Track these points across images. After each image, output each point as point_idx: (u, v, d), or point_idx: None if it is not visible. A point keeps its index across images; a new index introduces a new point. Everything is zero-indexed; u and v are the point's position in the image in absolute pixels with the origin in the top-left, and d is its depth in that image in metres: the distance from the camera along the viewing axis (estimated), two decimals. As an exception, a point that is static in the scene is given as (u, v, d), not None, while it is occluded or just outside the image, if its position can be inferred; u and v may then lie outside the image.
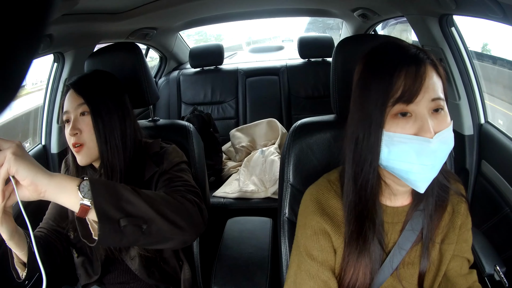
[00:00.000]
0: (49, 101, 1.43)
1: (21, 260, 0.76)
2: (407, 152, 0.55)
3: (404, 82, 0.54)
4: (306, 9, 2.28)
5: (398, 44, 0.59)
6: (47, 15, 0.22)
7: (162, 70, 2.52)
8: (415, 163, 0.55)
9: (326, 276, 0.63)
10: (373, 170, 0.59)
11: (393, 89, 0.54)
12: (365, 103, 0.58)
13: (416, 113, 0.55)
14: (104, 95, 0.83)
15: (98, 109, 0.81)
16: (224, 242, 1.06)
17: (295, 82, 2.27)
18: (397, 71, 0.54)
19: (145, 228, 0.61)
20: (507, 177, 1.10)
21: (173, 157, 0.87)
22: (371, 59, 0.59)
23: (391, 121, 0.56)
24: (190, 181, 0.83)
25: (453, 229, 0.67)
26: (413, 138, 0.54)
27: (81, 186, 0.57)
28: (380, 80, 0.56)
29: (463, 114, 1.27)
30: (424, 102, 0.54)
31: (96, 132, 0.80)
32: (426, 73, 0.55)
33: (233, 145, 2.08)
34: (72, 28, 1.20)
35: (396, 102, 0.54)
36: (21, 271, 0.77)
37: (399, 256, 0.64)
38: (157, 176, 0.84)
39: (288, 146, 0.88)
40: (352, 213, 0.62)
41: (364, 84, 0.59)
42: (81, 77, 0.85)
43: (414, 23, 1.35)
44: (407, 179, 0.57)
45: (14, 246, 0.71)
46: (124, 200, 0.60)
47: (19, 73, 0.22)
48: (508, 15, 0.85)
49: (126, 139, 0.84)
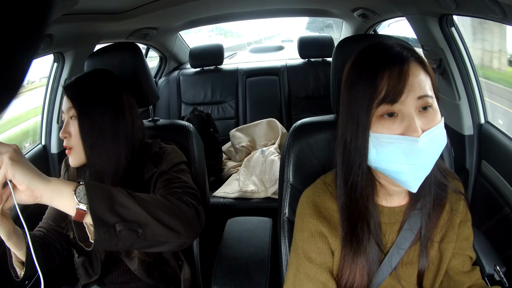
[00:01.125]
0: (49, 101, 1.43)
1: (20, 259, 0.76)
2: (395, 153, 0.54)
3: (387, 82, 0.54)
4: (306, 9, 2.28)
5: (382, 44, 0.58)
6: (47, 15, 0.22)
7: (162, 70, 2.52)
8: (403, 163, 0.54)
9: (324, 278, 0.63)
10: (361, 172, 0.59)
11: (377, 90, 0.54)
12: (351, 105, 0.58)
13: (403, 113, 0.54)
14: (96, 98, 0.80)
15: (86, 115, 0.79)
16: (224, 242, 1.06)
17: (295, 82, 2.27)
18: (381, 72, 0.54)
19: (140, 232, 0.61)
20: (507, 177, 1.10)
21: (172, 157, 0.86)
22: (356, 61, 0.59)
23: (377, 122, 0.55)
24: (189, 182, 0.82)
25: (452, 228, 0.67)
26: (399, 138, 0.54)
27: (77, 190, 0.58)
28: (365, 81, 0.56)
29: (463, 114, 1.27)
30: (409, 101, 0.54)
31: (81, 137, 0.79)
32: (410, 71, 0.54)
33: (233, 145, 2.08)
34: (72, 28, 1.20)
35: (380, 103, 0.54)
36: (19, 270, 0.77)
37: (398, 256, 0.64)
38: (156, 176, 0.83)
39: (288, 146, 0.88)
40: (345, 215, 0.63)
41: (350, 86, 0.59)
42: (75, 80, 0.84)
43: (414, 23, 1.34)
44: (398, 179, 0.57)
45: (13, 246, 0.71)
46: (119, 204, 0.60)
47: (19, 73, 0.22)
48: (508, 15, 0.85)
49: (119, 141, 0.81)
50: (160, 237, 0.65)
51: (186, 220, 0.69)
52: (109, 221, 0.58)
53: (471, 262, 0.71)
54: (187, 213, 0.71)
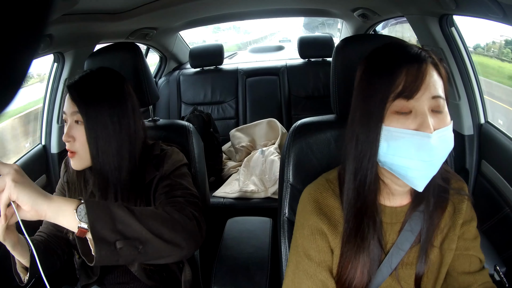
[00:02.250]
0: (49, 101, 1.43)
1: (23, 265, 0.77)
2: (406, 147, 0.55)
3: (405, 78, 0.55)
4: (306, 9, 2.28)
5: (400, 44, 0.60)
6: (47, 15, 0.22)
7: (162, 70, 2.52)
8: (414, 159, 0.55)
9: (323, 276, 0.63)
10: (371, 165, 0.59)
11: (394, 84, 0.55)
12: (366, 100, 0.58)
13: (416, 110, 0.55)
14: (102, 102, 0.78)
15: (93, 122, 0.77)
16: (224, 242, 1.06)
17: (295, 82, 2.27)
18: (400, 68, 0.55)
19: (141, 248, 0.62)
20: (507, 177, 1.10)
21: (173, 160, 0.85)
22: (374, 58, 0.60)
23: (391, 116, 0.56)
24: (190, 187, 0.82)
25: (453, 229, 0.66)
26: (412, 133, 0.55)
27: (78, 209, 0.59)
28: (382, 76, 0.57)
29: (463, 114, 1.27)
30: (424, 99, 0.55)
31: (89, 144, 0.78)
32: (427, 71, 0.55)
33: (233, 145, 2.08)
34: (72, 28, 1.20)
35: (396, 97, 0.55)
36: (23, 276, 0.78)
37: (398, 257, 0.64)
38: (157, 180, 0.82)
39: (288, 146, 0.88)
40: (351, 211, 0.62)
41: (367, 82, 0.59)
42: (79, 80, 0.80)
43: (414, 23, 1.34)
44: (405, 176, 0.57)
45: (18, 255, 0.73)
46: (119, 222, 0.61)
47: (19, 73, 0.22)
48: (508, 15, 0.85)
49: (123, 144, 0.80)
50: (162, 252, 0.65)
51: (188, 233, 0.69)
52: (109, 239, 0.59)
53: (480, 263, 0.69)
54: (189, 227, 0.70)
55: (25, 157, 1.31)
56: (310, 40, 2.36)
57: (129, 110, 0.82)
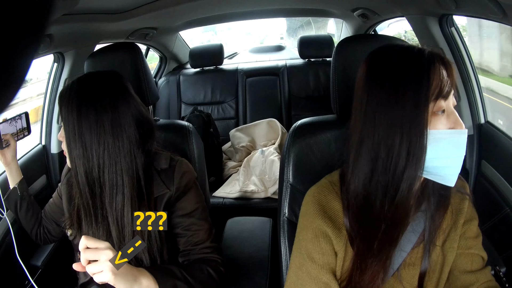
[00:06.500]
0: (49, 101, 1.43)
1: None
2: (447, 147, 0.55)
3: (439, 77, 0.55)
4: (306, 9, 2.28)
5: (408, 46, 0.60)
6: (47, 15, 0.22)
7: (162, 70, 2.52)
8: (454, 157, 0.55)
9: (327, 278, 0.63)
10: (407, 177, 0.56)
11: (432, 84, 0.54)
12: (397, 105, 0.55)
13: (447, 108, 0.56)
14: (93, 109, 0.73)
15: (66, 128, 0.74)
16: (224, 242, 1.06)
17: (295, 82, 2.27)
18: (431, 68, 0.55)
19: None
20: (507, 177, 1.10)
21: (184, 179, 0.82)
22: (387, 63, 0.58)
23: (432, 119, 0.56)
24: (207, 218, 0.86)
25: (455, 229, 0.66)
26: (452, 131, 0.55)
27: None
28: (415, 79, 0.55)
29: (463, 114, 1.27)
30: (451, 97, 0.56)
31: (68, 150, 0.77)
32: (453, 69, 0.57)
33: (233, 145, 2.08)
34: (72, 28, 1.20)
35: (436, 98, 0.55)
36: None
37: (400, 258, 0.64)
38: (167, 198, 0.80)
39: (288, 146, 0.88)
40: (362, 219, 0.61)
41: (395, 86, 0.56)
42: (70, 88, 0.76)
43: (414, 23, 1.34)
44: (443, 175, 0.57)
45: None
46: None
47: (19, 73, 0.22)
48: (508, 15, 0.85)
49: (120, 153, 0.75)
50: None
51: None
52: None
53: (482, 261, 0.68)
54: (215, 285, 0.81)
55: (25, 157, 1.30)
56: (310, 40, 2.36)
57: (125, 116, 0.77)
